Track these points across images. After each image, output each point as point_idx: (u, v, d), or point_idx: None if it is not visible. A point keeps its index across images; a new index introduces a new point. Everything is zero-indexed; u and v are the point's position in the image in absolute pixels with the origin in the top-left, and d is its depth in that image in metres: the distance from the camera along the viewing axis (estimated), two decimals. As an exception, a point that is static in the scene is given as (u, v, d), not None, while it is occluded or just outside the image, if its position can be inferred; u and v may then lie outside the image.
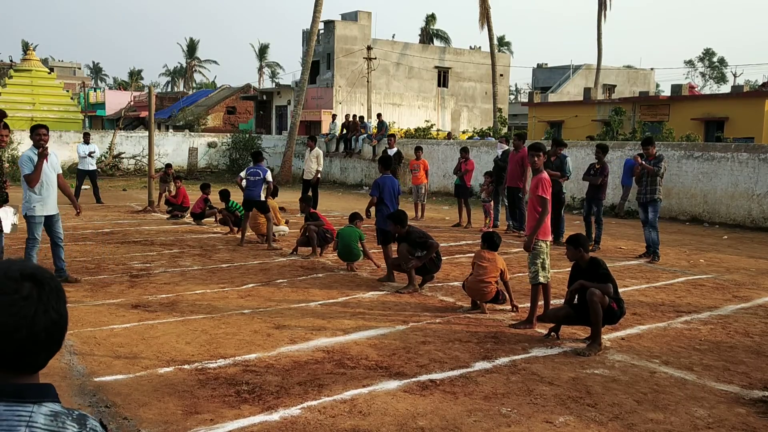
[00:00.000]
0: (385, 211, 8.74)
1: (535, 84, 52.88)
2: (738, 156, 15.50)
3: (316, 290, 8.22)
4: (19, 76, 36.19)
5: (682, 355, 5.89)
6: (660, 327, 6.82)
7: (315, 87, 40.14)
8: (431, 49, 46.51)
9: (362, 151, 27.34)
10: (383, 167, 9.18)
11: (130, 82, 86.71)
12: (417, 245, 8.19)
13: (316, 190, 16.71)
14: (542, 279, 6.76)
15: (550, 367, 5.52)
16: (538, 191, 6.74)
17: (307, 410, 4.50)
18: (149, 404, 4.58)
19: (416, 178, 16.08)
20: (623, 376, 5.34)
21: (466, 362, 5.59)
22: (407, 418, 4.41)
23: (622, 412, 4.62)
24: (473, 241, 12.21)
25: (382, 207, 8.78)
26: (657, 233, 10.70)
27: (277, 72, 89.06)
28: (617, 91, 47.63)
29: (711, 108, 29.69)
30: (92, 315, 6.81)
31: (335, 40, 40.21)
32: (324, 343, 6.03)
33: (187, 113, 46.61)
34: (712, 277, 9.50)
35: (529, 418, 4.48)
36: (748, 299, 8.16)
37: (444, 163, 22.62)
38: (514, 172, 13.51)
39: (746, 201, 15.30)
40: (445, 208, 18.58)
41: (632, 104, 32.40)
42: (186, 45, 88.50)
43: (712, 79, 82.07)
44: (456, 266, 9.92)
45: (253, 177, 11.40)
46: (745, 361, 5.77)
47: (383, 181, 8.87)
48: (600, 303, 5.85)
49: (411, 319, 6.91)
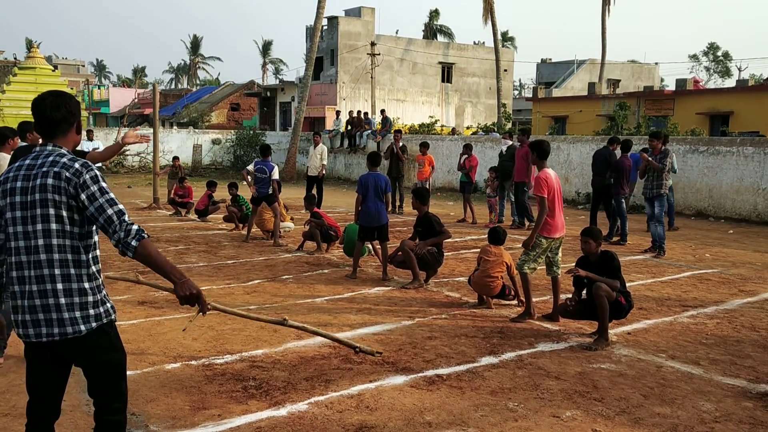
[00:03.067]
0: (369, 208, 8.72)
1: (539, 79, 52.71)
2: (743, 150, 15.45)
3: (322, 286, 8.23)
4: (23, 73, 36.23)
5: (688, 350, 5.89)
6: (666, 321, 6.81)
7: (319, 83, 40.11)
8: (435, 44, 46.41)
9: (367, 147, 27.31)
10: (371, 164, 9.15)
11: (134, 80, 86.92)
12: (430, 234, 8.27)
13: (321, 187, 16.70)
14: (526, 269, 6.76)
15: (557, 361, 5.52)
16: (535, 190, 6.76)
17: (314, 405, 4.51)
18: (157, 400, 4.60)
19: (421, 173, 16.09)
20: (630, 370, 5.34)
21: (472, 357, 5.59)
22: (414, 413, 4.42)
23: (629, 406, 4.62)
24: (478, 236, 12.21)
25: (366, 205, 8.77)
26: (663, 228, 10.68)
27: (281, 68, 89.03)
28: (622, 85, 47.47)
29: (716, 102, 29.59)
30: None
31: (339, 36, 40.15)
32: (330, 338, 6.04)
33: (191, 110, 46.66)
34: (717, 271, 9.48)
35: (536, 412, 4.48)
36: (755, 293, 8.14)
37: (448, 158, 22.60)
38: (521, 167, 13.52)
39: (752, 195, 15.26)
40: (450, 204, 18.57)
41: (637, 99, 32.32)
42: (190, 42, 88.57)
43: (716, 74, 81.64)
44: (461, 262, 9.92)
45: (260, 174, 11.36)
46: (752, 355, 5.76)
47: (366, 178, 8.83)
48: (607, 297, 5.85)
49: (417, 315, 6.91)
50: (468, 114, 45.24)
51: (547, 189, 6.64)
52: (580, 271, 6.06)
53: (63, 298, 2.88)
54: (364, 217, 8.76)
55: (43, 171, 2.88)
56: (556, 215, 6.73)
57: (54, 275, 2.88)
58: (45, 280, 2.87)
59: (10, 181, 2.94)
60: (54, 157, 2.93)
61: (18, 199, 2.90)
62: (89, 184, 2.88)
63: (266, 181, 11.34)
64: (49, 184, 2.86)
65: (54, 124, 3.00)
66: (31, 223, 2.88)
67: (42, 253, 2.87)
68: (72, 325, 2.89)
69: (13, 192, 2.92)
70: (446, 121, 41.37)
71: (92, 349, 2.98)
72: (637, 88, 43.19)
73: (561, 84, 47.54)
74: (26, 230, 2.89)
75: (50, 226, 2.87)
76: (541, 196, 6.64)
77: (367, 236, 8.85)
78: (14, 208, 2.91)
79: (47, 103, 2.99)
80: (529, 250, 6.76)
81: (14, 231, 2.92)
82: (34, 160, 2.95)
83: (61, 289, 2.88)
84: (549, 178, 6.71)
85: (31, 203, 2.88)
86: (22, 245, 2.90)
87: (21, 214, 2.90)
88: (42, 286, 2.88)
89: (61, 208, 2.87)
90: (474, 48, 46.94)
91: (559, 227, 6.79)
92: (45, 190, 2.85)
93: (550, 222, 6.71)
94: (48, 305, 2.88)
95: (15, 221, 2.91)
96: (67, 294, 2.89)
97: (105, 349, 3.02)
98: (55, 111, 2.99)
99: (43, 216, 2.87)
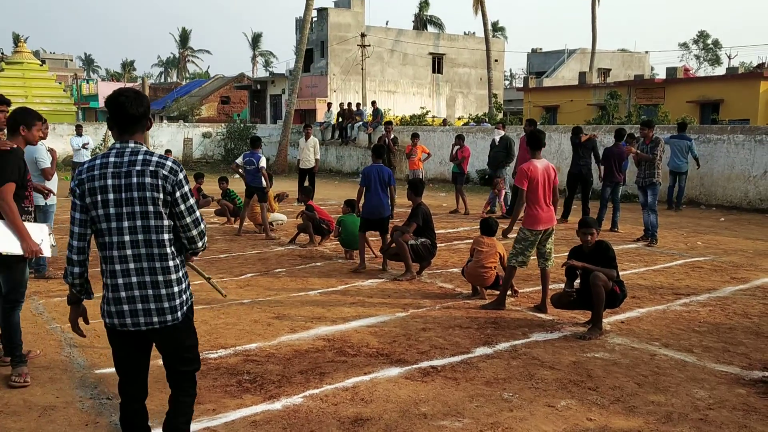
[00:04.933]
0: (372, 200, 8.71)
1: (530, 69, 52.65)
2: (734, 138, 15.49)
3: (315, 279, 8.22)
4: (10, 68, 35.99)
5: (681, 338, 5.91)
6: (659, 310, 6.83)
7: (309, 75, 39.95)
8: (425, 35, 46.28)
9: (358, 139, 27.26)
10: (375, 156, 9.16)
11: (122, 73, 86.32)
12: (427, 227, 8.29)
13: (314, 180, 16.64)
14: (514, 263, 6.78)
15: (551, 351, 5.53)
16: (516, 181, 6.76)
17: (309, 398, 4.50)
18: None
19: (412, 163, 16.07)
20: (624, 359, 5.35)
21: (466, 348, 5.59)
22: (409, 405, 4.42)
23: (624, 394, 4.63)
24: (471, 227, 12.21)
25: (368, 196, 8.76)
26: (656, 216, 10.71)
27: (271, 61, 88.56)
28: (612, 74, 47.51)
29: (706, 90, 29.66)
30: (91, 308, 6.76)
31: (329, 27, 39.97)
32: (324, 331, 6.03)
33: (181, 104, 46.44)
34: (710, 259, 9.52)
35: (530, 402, 4.49)
36: (746, 281, 8.18)
37: (440, 149, 22.56)
38: (522, 156, 13.52)
39: (743, 183, 15.32)
40: (442, 195, 18.57)
41: (627, 88, 32.35)
42: (178, 35, 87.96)
43: (706, 62, 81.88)
44: (454, 252, 9.92)
45: (249, 166, 11.34)
46: (745, 342, 5.79)
47: (369, 170, 8.83)
48: (604, 287, 5.86)
49: (411, 306, 6.91)
50: (459, 105, 45.20)
51: (527, 181, 6.59)
52: (576, 263, 6.05)
53: (164, 289, 3.07)
54: (366, 209, 8.75)
55: (138, 170, 2.99)
56: (541, 207, 6.64)
57: (155, 268, 3.05)
58: (146, 273, 3.05)
59: (98, 180, 3.01)
60: (143, 156, 3.03)
61: (112, 197, 3.00)
62: (183, 184, 3.08)
63: (254, 172, 11.32)
64: (147, 182, 2.98)
65: (135, 120, 3.07)
66: (129, 219, 2.99)
67: (143, 248, 3.03)
68: (171, 313, 3.10)
69: (104, 190, 2.99)
70: (437, 112, 41.32)
71: (180, 335, 3.19)
72: (628, 77, 43.24)
73: (552, 74, 47.53)
74: (123, 226, 3.00)
75: (149, 222, 3.01)
76: (521, 188, 6.63)
77: (368, 228, 8.83)
78: (107, 205, 3.00)
79: (129, 100, 3.05)
80: (515, 244, 6.76)
81: (109, 227, 3.02)
82: (119, 157, 3.03)
83: (162, 281, 3.06)
84: (532, 169, 6.62)
85: (128, 200, 2.98)
86: (122, 240, 3.02)
87: (116, 211, 3.00)
88: (143, 278, 3.05)
89: (158, 205, 3.00)
90: (464, 38, 46.86)
91: (544, 219, 6.67)
92: (143, 188, 2.98)
93: (533, 214, 6.65)
94: (147, 296, 3.05)
95: (109, 217, 3.01)
96: (168, 285, 3.08)
97: (189, 333, 3.25)
98: (138, 107, 3.06)
99: (142, 213, 2.99)
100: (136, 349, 3.22)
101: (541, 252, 6.87)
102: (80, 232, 3.09)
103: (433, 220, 8.52)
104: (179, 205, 3.06)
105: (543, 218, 6.67)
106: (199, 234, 3.15)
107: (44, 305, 6.90)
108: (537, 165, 6.69)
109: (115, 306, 3.10)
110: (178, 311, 3.12)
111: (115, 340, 3.22)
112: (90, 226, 3.08)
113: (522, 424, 4.14)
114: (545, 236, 6.80)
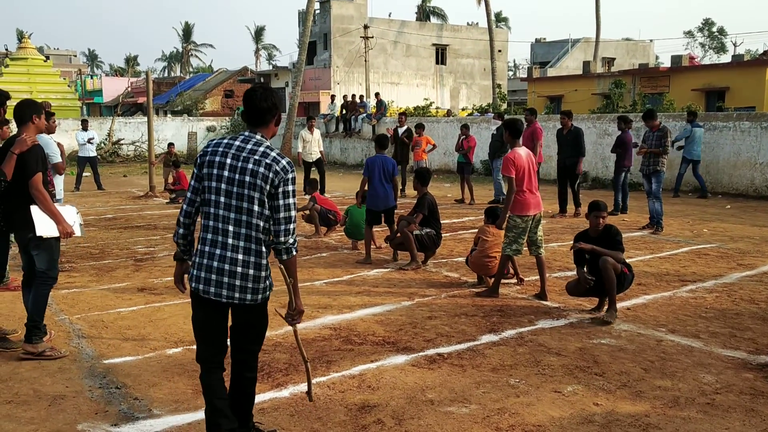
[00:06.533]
0: (376, 191, 8.70)
1: (534, 59, 52.47)
2: (740, 125, 15.42)
3: (321, 269, 8.23)
4: (15, 64, 36.05)
5: (688, 323, 5.91)
6: (665, 296, 6.83)
7: (312, 68, 39.93)
8: (428, 26, 46.16)
9: (362, 131, 27.23)
10: (379, 147, 9.14)
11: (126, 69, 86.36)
12: (433, 217, 8.33)
13: (323, 171, 16.36)
14: (509, 251, 6.80)
15: (557, 338, 5.54)
16: (503, 171, 6.83)
17: (317, 386, 4.51)
18: (159, 384, 4.61)
19: (417, 154, 16.07)
20: (630, 345, 5.36)
21: (472, 336, 5.61)
22: (416, 391, 4.43)
23: (630, 380, 4.63)
24: (476, 217, 12.20)
25: (373, 187, 8.75)
26: (661, 204, 10.68)
27: (274, 54, 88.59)
28: (616, 63, 47.26)
29: (711, 78, 29.50)
30: (99, 299, 6.84)
31: (331, 19, 39.90)
32: (331, 320, 6.05)
33: (185, 98, 46.43)
34: (716, 246, 9.50)
35: (537, 388, 4.50)
36: (753, 267, 8.16)
37: (444, 140, 22.52)
38: (526, 146, 13.51)
39: (749, 170, 15.26)
40: (447, 185, 18.56)
41: (632, 76, 32.22)
42: (181, 29, 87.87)
43: (711, 50, 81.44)
44: (459, 242, 9.93)
45: None
46: (752, 327, 5.79)
47: (373, 161, 8.81)
48: (613, 269, 5.88)
49: (416, 295, 6.92)
50: (463, 95, 45.11)
51: (514, 169, 6.66)
52: (584, 245, 6.06)
53: (252, 270, 3.30)
54: (371, 200, 8.74)
55: (256, 159, 3.26)
56: (530, 191, 6.74)
57: (249, 249, 3.29)
58: (240, 251, 3.28)
59: (219, 155, 3.30)
60: (264, 149, 3.30)
61: (226, 174, 3.26)
62: (289, 183, 3.30)
63: None
64: (260, 172, 3.23)
65: (261, 113, 3.37)
66: (237, 199, 3.25)
67: (243, 228, 3.27)
68: (253, 293, 3.34)
69: (222, 166, 3.27)
70: (441, 103, 41.25)
71: (255, 314, 3.46)
72: (632, 65, 43.04)
73: (556, 63, 47.36)
74: (230, 203, 3.26)
75: (254, 207, 3.25)
76: (509, 176, 6.67)
77: (374, 219, 8.83)
78: (221, 180, 3.27)
79: (258, 94, 3.39)
80: (507, 233, 6.78)
81: (217, 200, 3.28)
82: (243, 143, 3.32)
83: (253, 262, 3.30)
84: (517, 157, 6.71)
85: (239, 182, 3.24)
86: (226, 215, 3.27)
87: (227, 188, 3.26)
88: (236, 255, 3.28)
89: (264, 195, 3.25)
90: (468, 29, 46.72)
91: (532, 204, 6.76)
92: (256, 176, 3.23)
93: (523, 199, 6.72)
94: (236, 273, 3.28)
95: (219, 191, 3.27)
96: (256, 268, 3.31)
97: (263, 315, 3.51)
98: (264, 101, 3.37)
99: (249, 197, 3.24)
100: (215, 312, 3.41)
101: (532, 240, 6.89)
102: (191, 198, 3.40)
103: (438, 211, 8.52)
104: (278, 200, 3.27)
105: (532, 203, 6.77)
106: (286, 231, 3.31)
107: (53, 297, 6.93)
108: (520, 153, 6.80)
109: (204, 272, 3.32)
110: (259, 294, 3.36)
111: (196, 304, 3.44)
112: (200, 194, 3.35)
113: (529, 410, 4.15)
114: (534, 223, 6.83)
